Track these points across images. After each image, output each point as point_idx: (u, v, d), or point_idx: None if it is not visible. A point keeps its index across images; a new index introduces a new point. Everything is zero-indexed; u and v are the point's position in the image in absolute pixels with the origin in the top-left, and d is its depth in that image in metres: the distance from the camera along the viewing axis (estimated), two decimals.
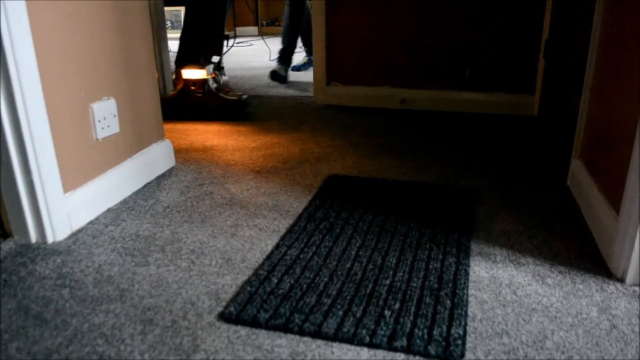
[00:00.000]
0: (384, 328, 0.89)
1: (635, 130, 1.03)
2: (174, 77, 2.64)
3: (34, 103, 1.14)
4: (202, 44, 2.52)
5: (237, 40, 5.62)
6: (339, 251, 1.16)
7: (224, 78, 2.57)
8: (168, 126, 2.26)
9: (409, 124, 2.35)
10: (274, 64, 3.51)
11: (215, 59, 2.57)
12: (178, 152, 1.90)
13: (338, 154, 1.91)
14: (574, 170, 1.54)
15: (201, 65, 2.45)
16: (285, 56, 3.44)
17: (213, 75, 2.50)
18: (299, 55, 3.81)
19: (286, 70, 3.40)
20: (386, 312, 0.94)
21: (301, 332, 0.89)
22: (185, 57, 2.51)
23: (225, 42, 2.64)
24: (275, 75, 3.34)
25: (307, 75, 3.54)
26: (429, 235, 1.24)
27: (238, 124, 2.34)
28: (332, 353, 0.85)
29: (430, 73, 2.62)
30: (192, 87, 2.44)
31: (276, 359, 0.84)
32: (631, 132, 1.08)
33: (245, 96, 2.54)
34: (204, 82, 2.46)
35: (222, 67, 2.63)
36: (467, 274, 1.07)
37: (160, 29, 2.65)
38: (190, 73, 2.44)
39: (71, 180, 1.29)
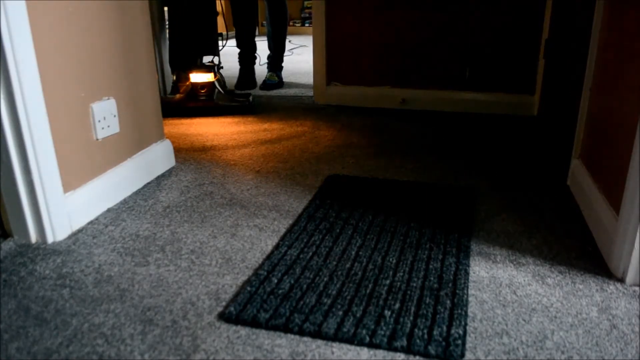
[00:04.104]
0: (384, 328, 0.89)
1: (635, 130, 1.03)
2: (174, 78, 2.63)
3: (34, 103, 1.14)
4: (196, 44, 2.52)
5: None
6: (339, 251, 1.16)
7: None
8: (168, 125, 2.26)
9: (409, 124, 2.35)
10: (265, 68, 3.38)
11: (208, 58, 2.56)
12: (178, 152, 1.90)
13: (338, 154, 1.91)
14: (574, 170, 1.54)
15: (207, 68, 2.45)
16: (274, 63, 3.30)
17: (218, 77, 2.50)
18: (289, 59, 3.65)
19: (278, 75, 3.28)
20: (386, 312, 0.94)
21: (301, 332, 0.89)
22: (182, 58, 2.49)
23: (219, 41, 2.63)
24: (265, 86, 3.19)
25: (307, 76, 3.54)
26: (429, 235, 1.24)
27: (238, 124, 2.34)
28: (332, 353, 0.85)
29: (430, 73, 2.62)
30: (201, 91, 2.46)
31: (276, 359, 0.84)
32: (631, 132, 1.08)
33: (251, 97, 2.59)
34: (212, 85, 2.47)
35: (222, 67, 2.62)
36: (467, 274, 1.07)
37: (161, 29, 2.65)
38: (198, 77, 2.45)
39: (71, 180, 1.29)
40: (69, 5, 1.24)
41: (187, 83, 2.49)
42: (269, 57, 3.32)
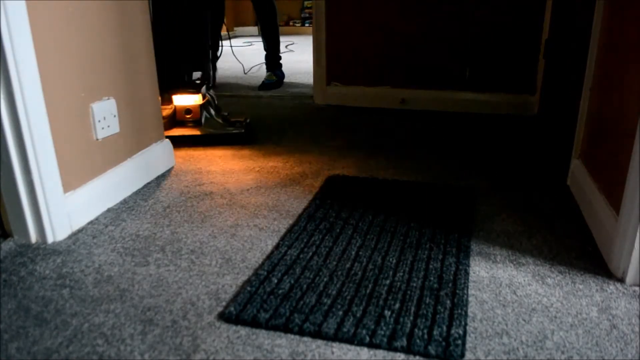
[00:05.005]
0: (384, 328, 0.89)
1: (635, 130, 1.03)
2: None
3: (34, 103, 1.14)
4: (183, 57, 2.12)
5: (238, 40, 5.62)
6: (339, 251, 1.16)
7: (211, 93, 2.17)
8: None
9: (409, 124, 2.35)
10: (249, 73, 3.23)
11: (197, 74, 2.19)
12: (178, 151, 1.90)
13: (338, 154, 1.91)
14: (574, 170, 1.54)
15: (195, 88, 2.05)
16: (270, 62, 3.28)
17: (207, 99, 2.10)
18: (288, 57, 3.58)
19: (277, 74, 3.25)
20: (386, 312, 0.94)
21: (301, 332, 0.89)
22: (165, 75, 2.00)
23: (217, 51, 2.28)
24: (264, 86, 3.15)
25: (307, 76, 3.54)
26: (429, 235, 1.24)
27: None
28: (332, 353, 0.85)
29: (430, 73, 2.62)
30: (187, 116, 2.03)
31: (276, 359, 0.84)
32: (631, 132, 1.08)
33: (248, 120, 2.16)
34: (200, 109, 2.04)
35: (212, 85, 2.25)
36: (467, 274, 1.07)
37: None
38: (183, 99, 2.03)
39: (71, 180, 1.29)
40: (69, 5, 1.24)
41: (171, 106, 2.05)
42: (266, 57, 3.32)
